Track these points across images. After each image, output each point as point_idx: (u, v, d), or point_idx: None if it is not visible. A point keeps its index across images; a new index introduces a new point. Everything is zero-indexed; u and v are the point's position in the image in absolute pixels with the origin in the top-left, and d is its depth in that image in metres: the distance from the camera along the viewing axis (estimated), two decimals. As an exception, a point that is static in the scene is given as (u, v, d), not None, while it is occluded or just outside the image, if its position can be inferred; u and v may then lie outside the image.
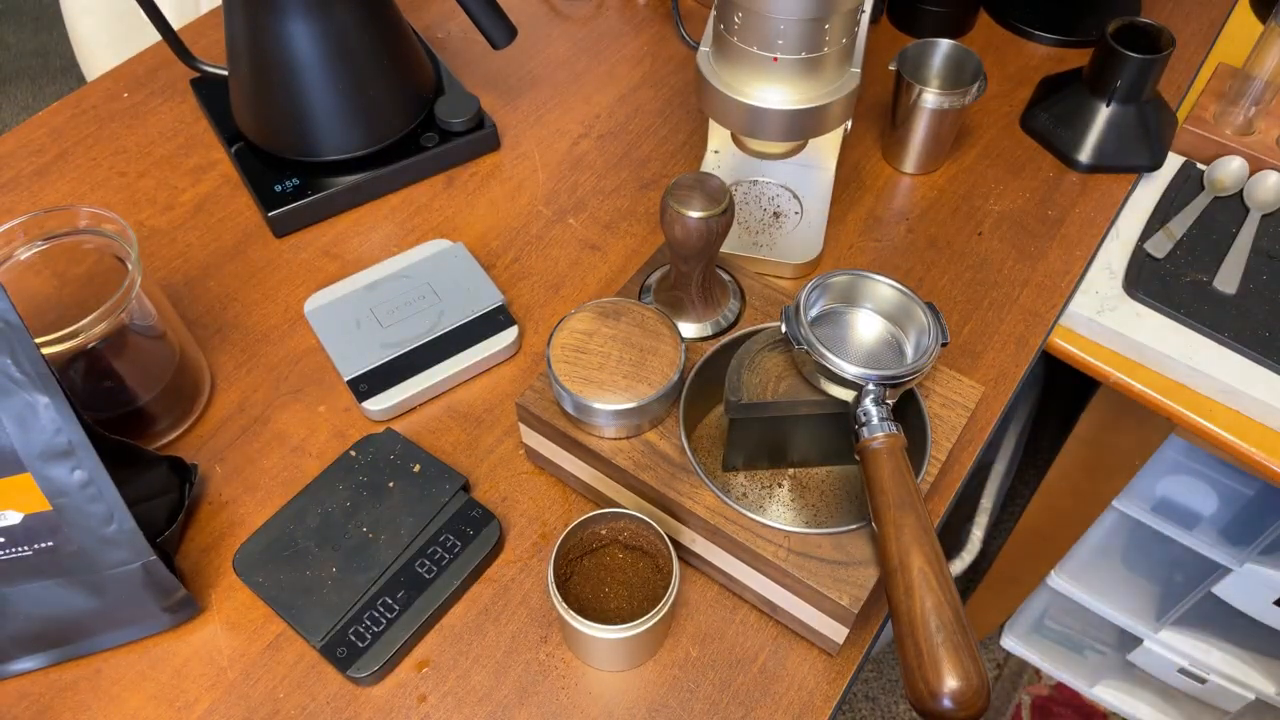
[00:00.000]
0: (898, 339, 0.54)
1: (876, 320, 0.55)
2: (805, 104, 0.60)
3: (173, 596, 0.54)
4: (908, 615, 0.42)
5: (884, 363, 0.53)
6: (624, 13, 0.94)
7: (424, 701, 0.53)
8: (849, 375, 0.50)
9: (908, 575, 0.43)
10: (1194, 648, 1.06)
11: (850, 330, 0.54)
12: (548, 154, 0.81)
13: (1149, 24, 0.76)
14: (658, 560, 0.54)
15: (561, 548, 0.51)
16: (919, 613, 0.42)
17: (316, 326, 0.67)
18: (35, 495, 0.48)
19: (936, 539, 0.44)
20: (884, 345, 0.54)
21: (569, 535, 0.51)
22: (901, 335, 0.54)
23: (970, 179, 0.80)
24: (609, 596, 0.53)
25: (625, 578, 0.54)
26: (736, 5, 0.57)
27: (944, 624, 0.41)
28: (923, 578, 0.43)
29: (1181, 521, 0.93)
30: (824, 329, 0.54)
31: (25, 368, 0.46)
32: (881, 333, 0.54)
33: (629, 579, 0.54)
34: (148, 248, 0.74)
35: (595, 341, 0.54)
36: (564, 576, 0.53)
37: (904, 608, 0.43)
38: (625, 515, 0.52)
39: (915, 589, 0.43)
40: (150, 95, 0.85)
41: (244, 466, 0.62)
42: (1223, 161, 0.79)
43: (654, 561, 0.54)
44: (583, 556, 0.54)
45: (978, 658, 0.41)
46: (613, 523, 0.53)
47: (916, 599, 0.42)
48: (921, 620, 0.42)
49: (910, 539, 0.44)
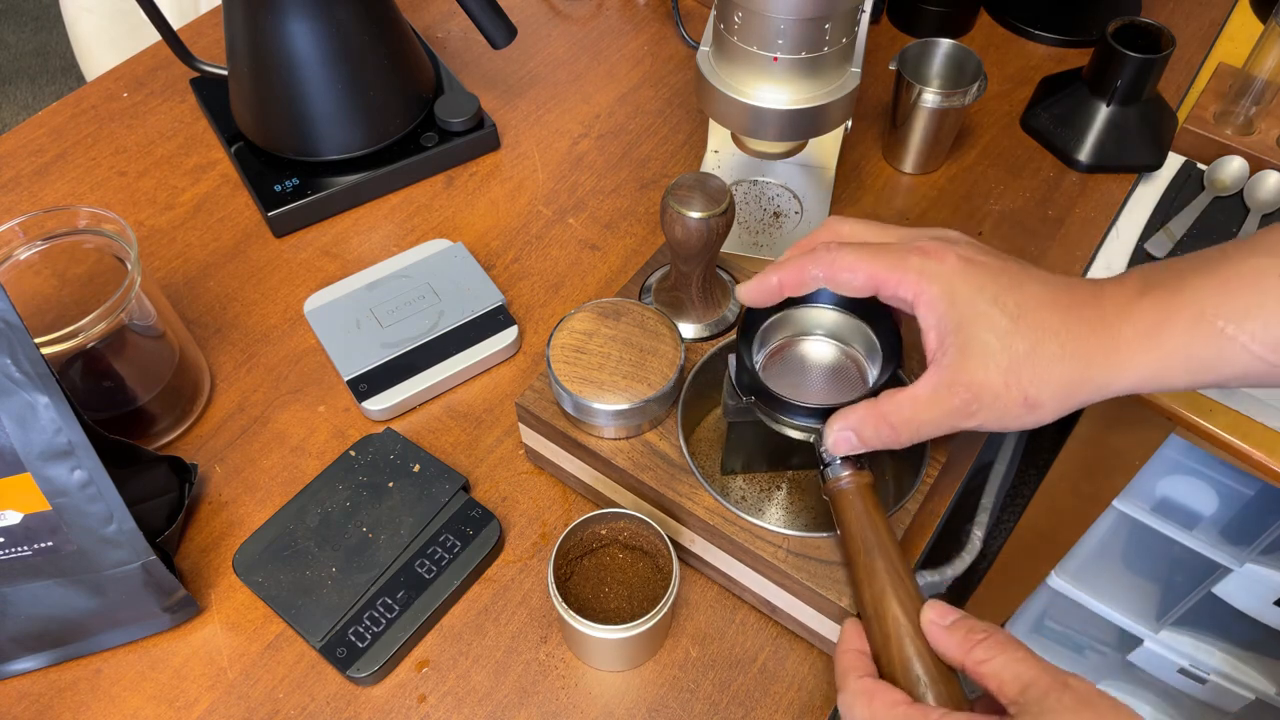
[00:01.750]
0: (857, 363, 0.51)
1: (830, 347, 0.51)
2: (805, 104, 0.60)
3: (172, 596, 0.54)
4: (887, 664, 0.43)
5: (838, 396, 0.49)
6: (624, 12, 0.94)
7: (424, 702, 0.53)
8: (798, 423, 0.48)
9: (883, 624, 0.43)
10: (1194, 648, 1.06)
11: (804, 363, 0.51)
12: (547, 154, 0.81)
13: (1149, 24, 0.76)
14: (658, 560, 0.54)
15: (561, 547, 0.51)
16: (898, 661, 0.42)
17: (316, 326, 0.67)
18: (35, 495, 0.48)
19: (912, 581, 0.44)
20: (841, 375, 0.51)
21: (569, 535, 0.51)
22: (860, 358, 0.51)
23: (970, 179, 0.80)
24: (609, 596, 0.53)
25: (625, 578, 0.54)
26: (736, 5, 0.57)
27: (925, 671, 0.41)
28: (897, 626, 0.43)
29: (1182, 521, 0.93)
30: (776, 368, 0.51)
31: (25, 367, 0.46)
32: (838, 360, 0.51)
33: (629, 579, 0.54)
34: (147, 247, 0.74)
35: (595, 342, 0.54)
36: (564, 576, 0.53)
37: (884, 657, 0.43)
38: (625, 515, 0.52)
39: (891, 638, 0.43)
40: (150, 95, 0.85)
41: (244, 466, 0.62)
42: (1223, 161, 0.79)
43: (654, 562, 0.54)
44: (583, 556, 0.54)
45: (962, 702, 0.41)
46: (613, 523, 0.53)
47: (894, 647, 0.42)
48: (902, 669, 0.42)
49: (883, 586, 0.44)
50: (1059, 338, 0.42)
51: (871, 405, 0.45)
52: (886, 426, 0.44)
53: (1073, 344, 0.42)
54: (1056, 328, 0.42)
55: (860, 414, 0.45)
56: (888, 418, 0.44)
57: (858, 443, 0.45)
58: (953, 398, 0.43)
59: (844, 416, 0.46)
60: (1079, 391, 0.42)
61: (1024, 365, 0.42)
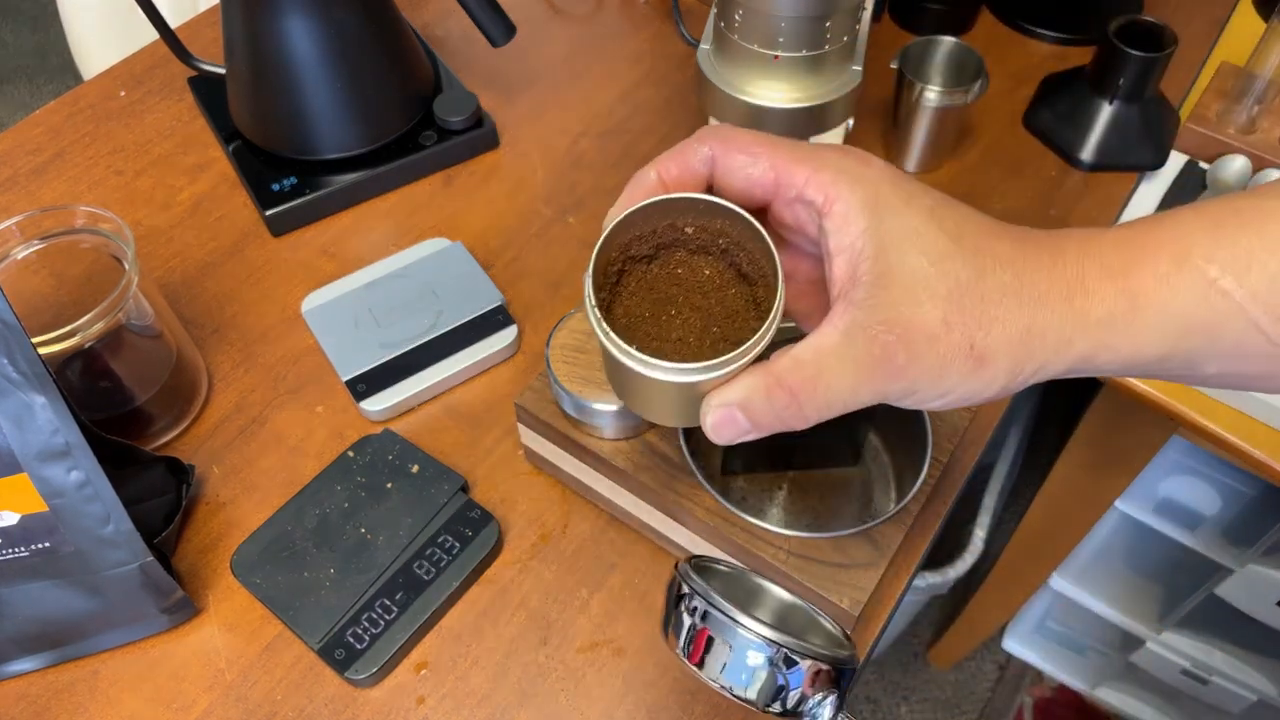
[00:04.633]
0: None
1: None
2: (806, 102, 0.60)
3: (170, 597, 0.53)
4: None
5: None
6: (624, 10, 0.94)
7: (422, 703, 0.53)
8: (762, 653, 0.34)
9: None
10: (1196, 649, 1.06)
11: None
12: (547, 152, 0.81)
13: (1152, 22, 0.76)
14: (756, 292, 0.37)
15: (616, 234, 0.36)
16: None
17: (314, 326, 0.67)
18: (32, 496, 0.47)
19: None
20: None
21: (634, 218, 0.36)
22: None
23: (972, 178, 0.79)
24: (674, 322, 0.37)
25: (704, 302, 0.37)
26: (737, 3, 0.56)
27: None
28: None
29: (1184, 522, 0.93)
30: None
31: (22, 367, 0.45)
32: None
33: (709, 305, 0.37)
34: (145, 247, 0.74)
35: (595, 341, 0.54)
36: (613, 278, 0.38)
37: None
38: (727, 212, 0.35)
39: None
40: (147, 94, 0.85)
41: (242, 467, 0.62)
42: (1225, 160, 0.79)
43: (752, 292, 0.37)
44: (650, 258, 0.38)
45: None
46: (707, 219, 0.36)
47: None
48: None
49: None
50: (1011, 267, 0.32)
51: (762, 369, 0.33)
52: (784, 394, 0.32)
53: (1028, 278, 0.32)
54: (1008, 255, 0.32)
55: (747, 384, 0.33)
56: (784, 381, 0.32)
57: (748, 425, 0.34)
58: (872, 344, 0.31)
59: (725, 391, 0.34)
60: (1037, 346, 0.32)
61: (968, 297, 0.31)
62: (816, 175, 0.33)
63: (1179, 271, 0.31)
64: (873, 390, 0.32)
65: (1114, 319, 0.32)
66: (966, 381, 0.32)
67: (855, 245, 0.32)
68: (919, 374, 0.32)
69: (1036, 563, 1.10)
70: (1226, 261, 0.30)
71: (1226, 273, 0.30)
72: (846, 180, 0.33)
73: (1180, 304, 0.31)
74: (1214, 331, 0.31)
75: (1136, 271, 0.31)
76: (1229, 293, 0.30)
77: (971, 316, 0.31)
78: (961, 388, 0.32)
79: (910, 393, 0.33)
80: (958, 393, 0.32)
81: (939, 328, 0.31)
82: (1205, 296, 0.31)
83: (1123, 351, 0.32)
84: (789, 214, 0.35)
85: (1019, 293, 0.32)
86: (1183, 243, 0.31)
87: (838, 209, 0.32)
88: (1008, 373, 0.32)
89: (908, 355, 0.31)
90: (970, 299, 0.31)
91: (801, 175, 0.33)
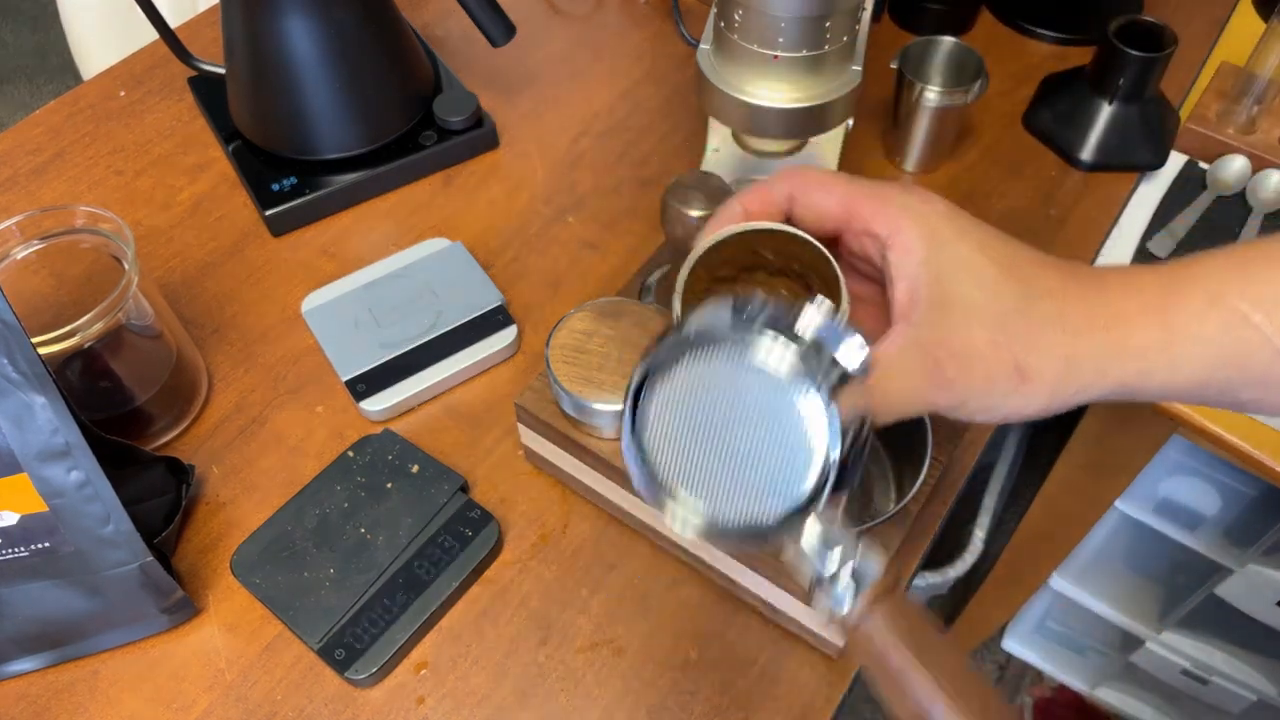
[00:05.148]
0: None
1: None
2: (806, 102, 0.60)
3: (170, 598, 0.53)
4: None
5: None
6: (624, 10, 0.94)
7: (422, 703, 0.53)
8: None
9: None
10: (1196, 649, 1.06)
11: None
12: (547, 152, 0.81)
13: (1151, 22, 0.76)
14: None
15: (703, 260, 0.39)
16: None
17: (314, 326, 0.66)
18: (32, 496, 0.47)
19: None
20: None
21: (717, 246, 0.39)
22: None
23: (972, 178, 0.79)
24: None
25: None
26: (737, 3, 0.56)
27: None
28: None
29: (1184, 522, 0.93)
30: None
31: (22, 367, 0.45)
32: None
33: None
34: (145, 247, 0.74)
35: (595, 341, 0.54)
36: (698, 300, 0.41)
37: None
38: (801, 240, 0.39)
39: None
40: (147, 94, 0.85)
41: (241, 467, 0.62)
42: (1225, 160, 0.79)
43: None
44: (732, 280, 0.42)
45: None
46: (784, 246, 0.40)
47: None
48: None
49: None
50: (1055, 298, 0.35)
51: None
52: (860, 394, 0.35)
53: (1071, 308, 0.35)
54: (1053, 287, 0.35)
55: None
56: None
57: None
58: (925, 360, 0.35)
59: None
60: (1077, 371, 0.35)
61: (1014, 323, 0.35)
62: (883, 210, 0.37)
63: (1212, 307, 0.34)
64: (924, 400, 0.35)
65: (1151, 349, 0.35)
66: (1011, 398, 0.35)
67: (915, 273, 0.36)
68: (967, 388, 0.35)
69: (1036, 563, 1.10)
70: (1256, 299, 0.33)
71: (1256, 309, 0.33)
72: (909, 215, 0.36)
73: (1213, 337, 0.34)
74: (1244, 363, 0.34)
75: (1173, 306, 0.35)
76: (1258, 327, 0.33)
77: (1017, 339, 0.35)
78: (1006, 404, 0.35)
79: (959, 405, 0.35)
80: (1003, 409, 0.35)
81: (987, 347, 0.34)
82: (1236, 330, 0.34)
83: (1160, 379, 0.35)
84: (857, 244, 0.39)
85: (1062, 321, 0.35)
86: (1216, 281, 0.34)
87: (900, 240, 0.36)
88: (1050, 392, 0.35)
89: (957, 370, 0.35)
90: (1017, 324, 0.35)
91: (869, 210, 0.37)
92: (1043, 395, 0.35)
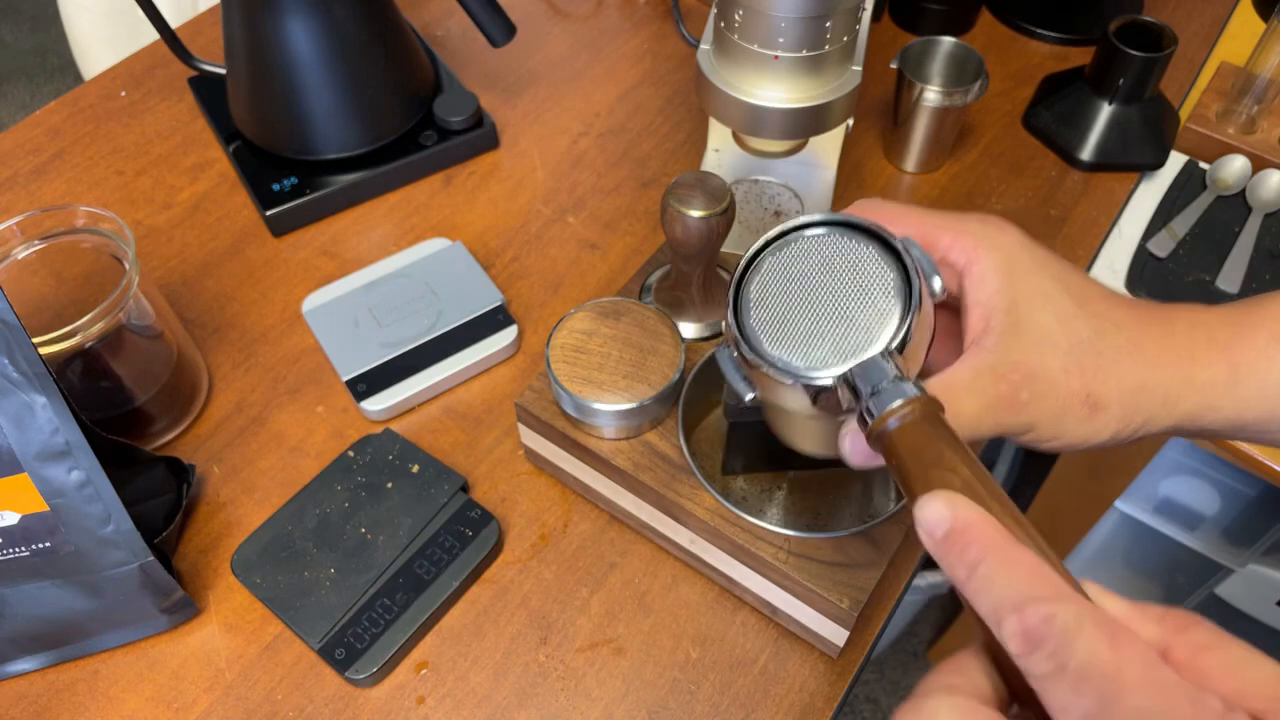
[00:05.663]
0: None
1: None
2: (806, 102, 0.60)
3: (170, 597, 0.53)
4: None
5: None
6: (624, 10, 0.94)
7: (422, 703, 0.53)
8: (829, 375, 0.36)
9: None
10: (1196, 648, 1.06)
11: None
12: (547, 152, 0.81)
13: (1151, 22, 0.76)
14: None
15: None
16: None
17: (314, 326, 0.67)
18: (32, 495, 0.48)
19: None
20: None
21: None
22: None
23: (972, 178, 0.79)
24: None
25: None
26: (737, 3, 0.56)
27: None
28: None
29: (1184, 522, 0.93)
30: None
31: (22, 367, 0.45)
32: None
33: None
34: (145, 247, 0.74)
35: (595, 341, 0.54)
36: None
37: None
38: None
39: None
40: (148, 94, 0.85)
41: (242, 467, 0.62)
42: (1225, 160, 0.79)
43: None
44: None
45: None
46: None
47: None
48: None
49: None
50: (1126, 331, 0.36)
51: None
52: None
53: (1141, 342, 0.36)
54: (1123, 321, 0.36)
55: None
56: None
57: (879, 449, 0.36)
58: (998, 382, 0.35)
59: None
60: (1146, 400, 0.36)
61: (1086, 353, 0.35)
62: (959, 240, 0.38)
63: (1273, 344, 0.36)
64: (995, 422, 0.35)
65: (1217, 384, 0.36)
66: (1080, 426, 0.36)
67: (990, 301, 0.37)
68: (1038, 413, 0.35)
69: (1036, 562, 1.10)
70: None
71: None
72: (985, 245, 0.37)
73: (1277, 375, 0.36)
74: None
75: (1239, 344, 0.36)
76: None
77: (1089, 369, 0.35)
78: (1075, 432, 0.36)
79: (1028, 429, 0.36)
80: (1071, 436, 0.36)
81: (1059, 375, 0.35)
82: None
83: (1225, 413, 0.37)
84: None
85: (1133, 354, 0.36)
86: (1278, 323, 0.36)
87: (976, 269, 0.37)
88: (1118, 421, 0.36)
89: (1030, 394, 0.35)
90: (1089, 354, 0.36)
91: (946, 240, 0.38)
92: (1111, 425, 0.36)
